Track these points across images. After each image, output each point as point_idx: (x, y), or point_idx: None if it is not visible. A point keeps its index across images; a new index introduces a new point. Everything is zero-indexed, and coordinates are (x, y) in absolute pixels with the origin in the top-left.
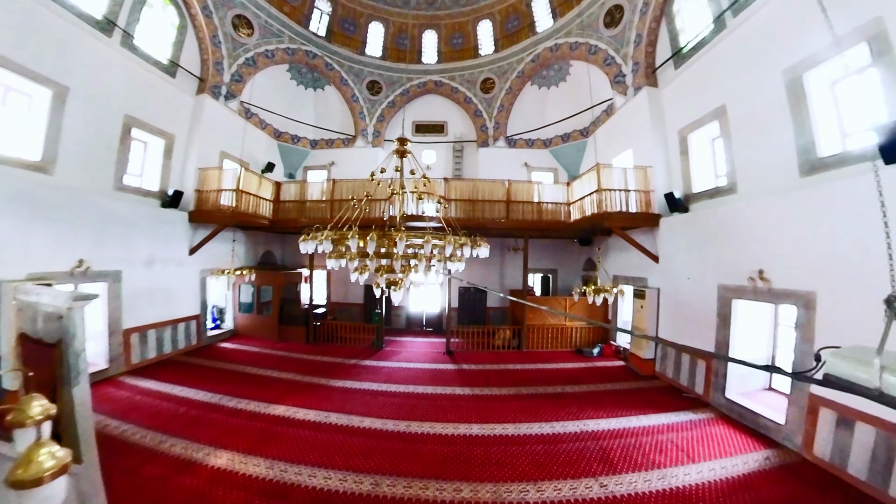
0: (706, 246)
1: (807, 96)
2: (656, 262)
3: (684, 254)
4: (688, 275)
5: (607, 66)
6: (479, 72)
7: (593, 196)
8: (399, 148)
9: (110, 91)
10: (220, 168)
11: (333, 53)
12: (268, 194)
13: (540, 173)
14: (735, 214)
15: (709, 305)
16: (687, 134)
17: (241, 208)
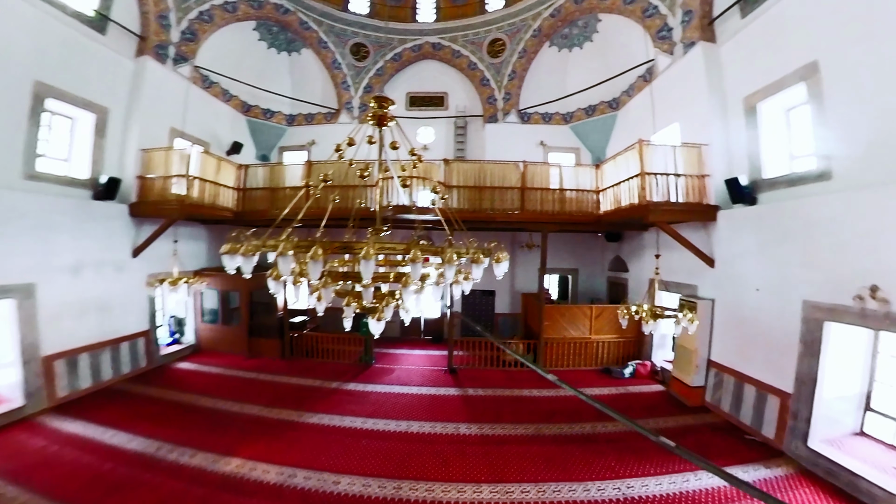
0: (785, 249)
1: None
2: (711, 267)
3: (751, 258)
4: (757, 285)
5: (648, 19)
6: (487, 31)
7: (632, 182)
8: (375, 111)
9: (10, 51)
10: (168, 149)
11: (309, 9)
12: (230, 181)
13: (559, 154)
14: (831, 210)
15: (788, 327)
16: (756, 102)
17: (195, 198)
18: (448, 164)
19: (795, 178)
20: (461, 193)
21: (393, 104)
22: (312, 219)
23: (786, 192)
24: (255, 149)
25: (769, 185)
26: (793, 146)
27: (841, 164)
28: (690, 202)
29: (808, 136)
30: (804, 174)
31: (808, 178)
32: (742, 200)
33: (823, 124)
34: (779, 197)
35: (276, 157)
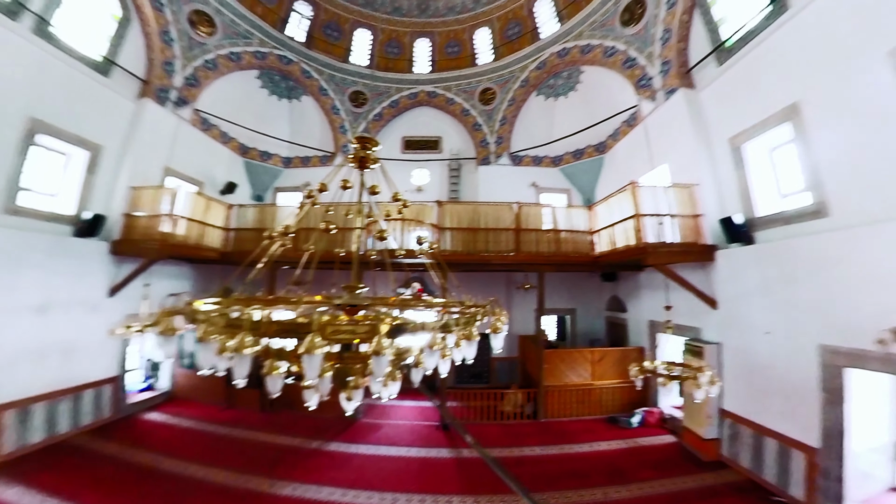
0: (792, 290)
1: None
2: (713, 308)
3: (756, 299)
4: (765, 328)
5: (628, 69)
6: (478, 81)
7: (627, 223)
8: (357, 152)
9: (7, 85)
10: (157, 187)
11: (312, 60)
12: (219, 220)
13: (550, 195)
14: (837, 248)
15: (805, 373)
16: (742, 143)
17: (178, 237)
18: (441, 205)
19: (791, 215)
20: (455, 235)
21: (377, 145)
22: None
23: (783, 230)
24: (250, 189)
25: (764, 224)
26: (782, 184)
27: (837, 201)
28: (687, 242)
29: (798, 173)
30: (799, 211)
31: (804, 215)
32: (739, 239)
33: (812, 162)
34: (776, 235)
35: (270, 198)
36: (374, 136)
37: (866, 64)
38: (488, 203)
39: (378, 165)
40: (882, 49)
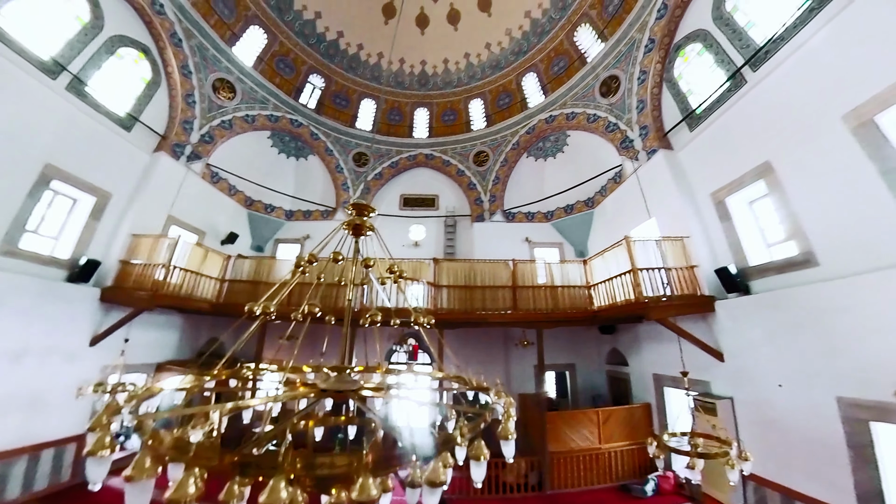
0: (800, 340)
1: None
2: (720, 361)
3: (763, 349)
4: (777, 380)
5: (610, 133)
6: (472, 145)
7: (624, 278)
8: (352, 220)
9: (32, 133)
10: (158, 236)
11: (321, 124)
12: (214, 271)
13: (543, 249)
14: (836, 296)
15: (827, 428)
16: (724, 197)
17: (171, 287)
18: (438, 262)
19: (782, 264)
20: (452, 293)
21: (373, 211)
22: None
23: (778, 278)
24: (251, 239)
25: (758, 273)
26: (766, 234)
27: (822, 251)
28: (685, 294)
29: (778, 224)
30: (789, 260)
31: (795, 265)
32: (736, 289)
33: (790, 214)
34: (771, 284)
35: (270, 249)
36: (375, 194)
37: (826, 126)
38: (484, 260)
39: (373, 233)
40: (837, 113)
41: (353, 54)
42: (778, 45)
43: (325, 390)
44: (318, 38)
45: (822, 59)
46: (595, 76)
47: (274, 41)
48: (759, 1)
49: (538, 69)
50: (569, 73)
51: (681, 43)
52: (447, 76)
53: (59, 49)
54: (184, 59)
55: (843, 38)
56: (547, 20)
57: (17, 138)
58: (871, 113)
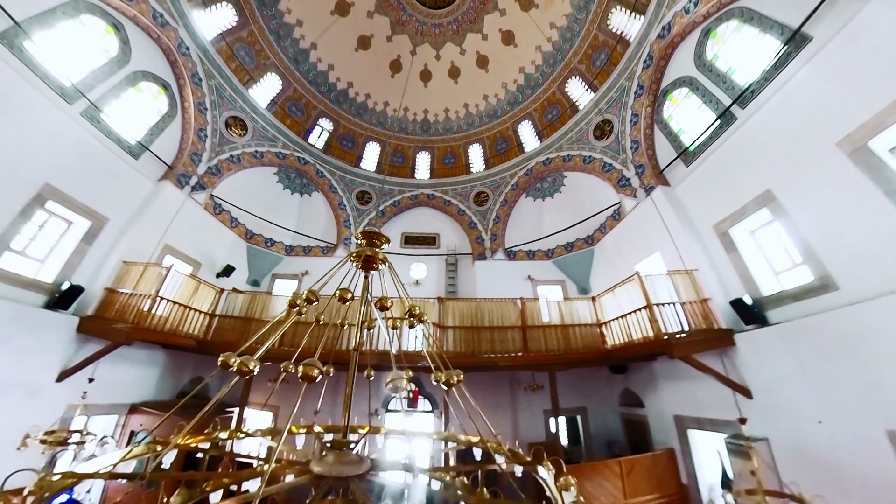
0: (834, 371)
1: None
2: (748, 398)
3: (794, 383)
4: (816, 416)
5: (606, 173)
6: (472, 186)
7: (640, 314)
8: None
9: (36, 152)
10: (148, 264)
11: (327, 163)
12: (205, 304)
13: (546, 287)
14: (865, 321)
15: (882, 465)
16: (727, 228)
17: (155, 319)
18: (443, 302)
19: (798, 292)
20: (457, 334)
21: (386, 242)
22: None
23: (795, 307)
24: (247, 273)
25: (774, 302)
26: (776, 262)
27: (840, 274)
28: (703, 329)
29: (790, 249)
30: (805, 287)
31: (812, 291)
32: (754, 320)
33: (801, 239)
34: (790, 313)
35: (267, 284)
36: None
37: (822, 154)
38: (491, 299)
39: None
40: (830, 141)
41: (361, 102)
42: (762, 86)
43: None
44: (330, 87)
45: (807, 94)
46: (588, 121)
47: (288, 87)
48: (737, 50)
49: (533, 117)
50: (562, 119)
51: (668, 88)
52: (448, 123)
53: (81, 77)
54: (201, 97)
55: (824, 76)
56: (539, 74)
57: (18, 156)
58: (863, 139)
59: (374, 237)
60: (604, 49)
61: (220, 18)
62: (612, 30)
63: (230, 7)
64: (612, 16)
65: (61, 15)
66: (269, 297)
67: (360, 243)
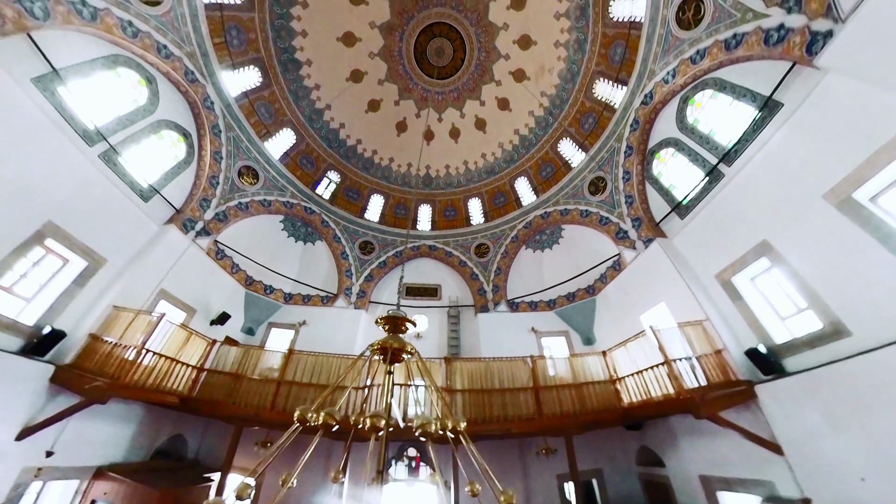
0: (873, 421)
1: None
2: (779, 454)
3: (828, 437)
4: (858, 473)
5: (603, 226)
6: (473, 238)
7: (657, 370)
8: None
9: (44, 188)
10: (138, 311)
11: (332, 213)
12: (194, 357)
13: (550, 338)
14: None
15: None
16: (729, 278)
17: (137, 372)
18: (449, 363)
19: (811, 338)
20: (466, 399)
21: (413, 324)
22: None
23: (811, 354)
24: (243, 321)
25: (789, 350)
26: (783, 309)
27: (850, 320)
28: (721, 381)
29: (792, 297)
30: (817, 333)
31: (825, 337)
32: (772, 370)
33: (804, 286)
34: (806, 361)
35: (263, 332)
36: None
37: (811, 206)
38: (501, 359)
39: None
40: (817, 193)
41: (368, 157)
42: (744, 146)
43: None
44: (340, 143)
45: (787, 153)
46: (582, 178)
47: (301, 142)
48: (715, 114)
49: (528, 174)
50: (557, 176)
51: (654, 148)
52: (448, 178)
53: (106, 122)
54: (218, 147)
55: (800, 136)
56: (533, 136)
57: (26, 191)
58: (847, 191)
59: (397, 322)
60: (591, 113)
61: (246, 79)
62: (598, 97)
63: (256, 70)
64: (596, 86)
65: (100, 66)
66: (262, 351)
67: (379, 324)
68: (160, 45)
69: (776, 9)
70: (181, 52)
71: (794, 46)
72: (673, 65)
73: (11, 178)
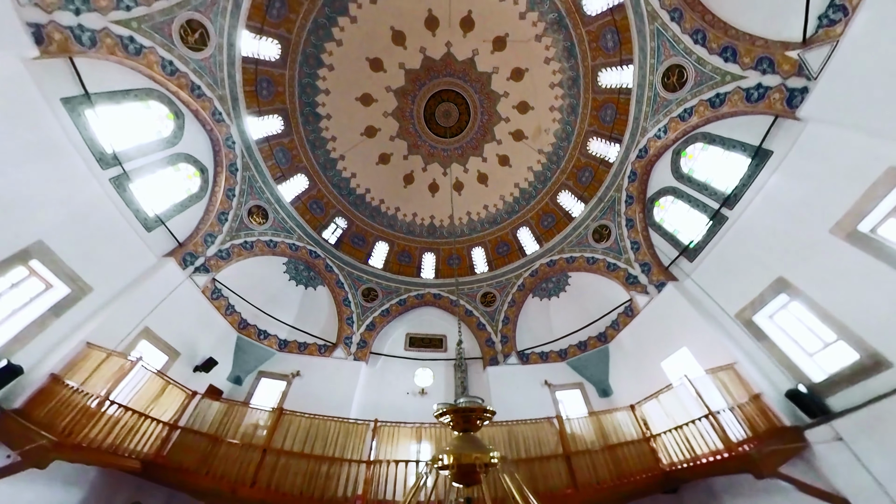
0: None
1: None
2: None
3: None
4: None
5: (612, 272)
6: (479, 287)
7: (699, 424)
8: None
9: (40, 206)
10: (110, 353)
11: (336, 258)
12: (169, 411)
13: (564, 391)
14: None
15: None
16: (751, 317)
17: (91, 428)
18: None
19: (850, 372)
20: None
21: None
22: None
23: (855, 390)
24: (231, 368)
25: (830, 387)
26: (806, 344)
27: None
28: (767, 430)
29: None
30: (855, 366)
31: (865, 370)
32: (817, 411)
33: (827, 318)
34: (852, 398)
35: (251, 383)
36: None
37: (820, 240)
38: (525, 422)
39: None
40: (823, 228)
41: (376, 206)
42: (742, 190)
43: None
44: (350, 191)
45: (786, 194)
46: (585, 227)
47: (313, 187)
48: (708, 164)
49: (530, 224)
50: (558, 226)
51: (653, 197)
52: (452, 228)
53: (125, 148)
54: (232, 185)
55: (795, 179)
56: (532, 189)
57: (19, 205)
58: (851, 225)
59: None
60: (588, 168)
61: (269, 126)
62: (593, 154)
63: (279, 119)
64: (590, 143)
65: (133, 97)
66: (246, 409)
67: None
68: (195, 85)
69: (751, 71)
70: (213, 94)
71: (775, 102)
72: (663, 122)
73: (7, 189)
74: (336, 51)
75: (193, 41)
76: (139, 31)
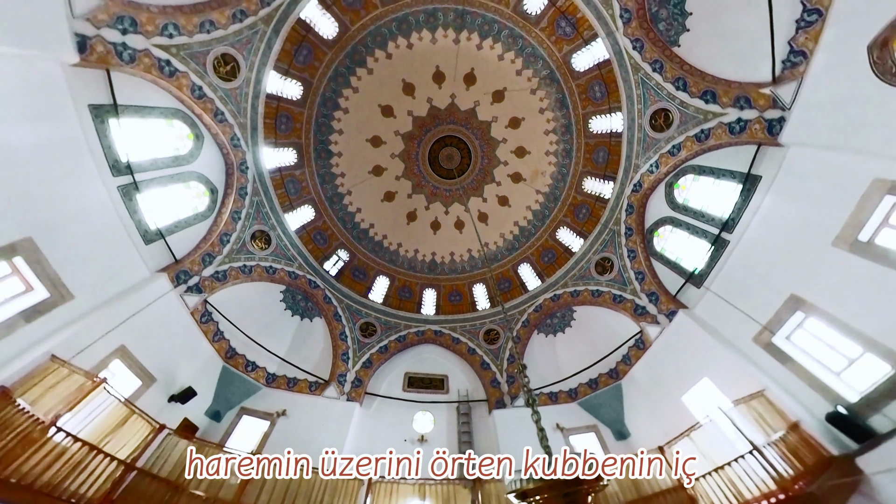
0: None
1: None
2: None
3: None
4: None
5: (618, 304)
6: (481, 323)
7: (743, 462)
8: None
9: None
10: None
11: (336, 290)
12: (129, 445)
13: (577, 435)
14: None
15: None
16: (770, 339)
17: (28, 458)
18: (481, 486)
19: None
20: None
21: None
22: None
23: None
24: (210, 401)
25: (868, 407)
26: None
27: None
28: (816, 461)
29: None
30: (892, 380)
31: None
32: (863, 435)
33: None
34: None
35: (231, 419)
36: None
37: (825, 254)
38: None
39: None
40: (826, 241)
41: (378, 241)
42: (738, 214)
43: None
44: (354, 225)
45: (782, 213)
46: (587, 260)
47: (319, 219)
48: (701, 193)
49: (531, 260)
50: (559, 261)
51: (652, 227)
52: (453, 265)
53: (140, 159)
54: (240, 207)
55: (788, 198)
56: (532, 227)
57: (17, 199)
58: (851, 236)
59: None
60: (584, 205)
61: (283, 157)
62: (588, 192)
63: (294, 152)
64: (585, 182)
65: (158, 113)
66: (220, 453)
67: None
68: (219, 110)
69: (731, 108)
70: (235, 121)
71: (757, 132)
72: (654, 158)
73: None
74: (352, 96)
75: (225, 72)
76: (177, 57)
